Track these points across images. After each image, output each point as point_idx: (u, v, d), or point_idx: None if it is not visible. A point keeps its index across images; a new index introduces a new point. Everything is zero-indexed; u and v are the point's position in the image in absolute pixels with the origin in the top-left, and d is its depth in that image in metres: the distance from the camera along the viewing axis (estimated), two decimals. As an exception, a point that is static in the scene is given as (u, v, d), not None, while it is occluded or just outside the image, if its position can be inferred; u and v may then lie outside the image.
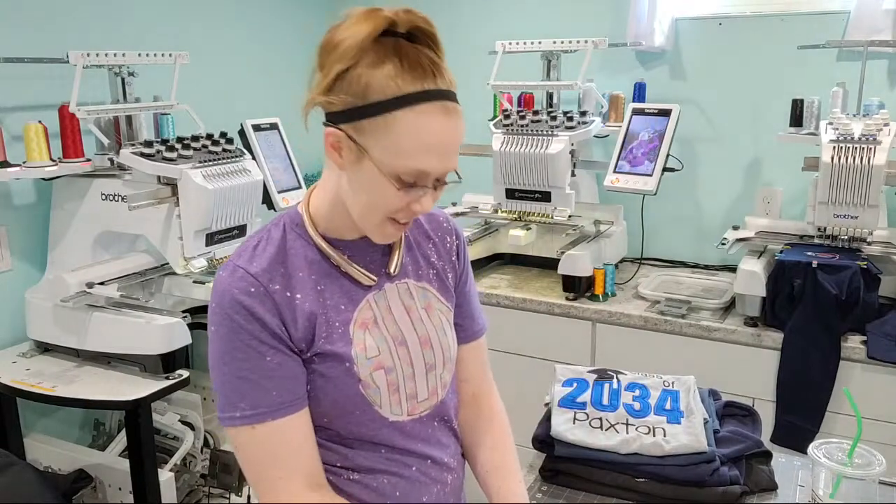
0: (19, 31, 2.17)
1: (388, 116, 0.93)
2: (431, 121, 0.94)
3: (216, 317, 1.00)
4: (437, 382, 1.12)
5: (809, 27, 2.45)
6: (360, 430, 1.06)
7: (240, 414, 0.99)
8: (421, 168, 0.95)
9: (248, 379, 0.99)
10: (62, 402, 1.94)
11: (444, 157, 0.97)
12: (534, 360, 2.41)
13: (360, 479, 1.07)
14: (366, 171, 0.97)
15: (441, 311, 1.15)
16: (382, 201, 0.98)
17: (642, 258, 2.72)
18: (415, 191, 0.98)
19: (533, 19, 2.90)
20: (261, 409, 0.99)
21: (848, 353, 1.99)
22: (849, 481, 1.16)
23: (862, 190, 2.02)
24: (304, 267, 1.04)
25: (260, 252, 1.03)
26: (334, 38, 0.97)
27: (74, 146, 2.09)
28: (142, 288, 2.18)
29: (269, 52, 3.03)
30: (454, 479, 1.16)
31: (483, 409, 1.24)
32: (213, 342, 1.01)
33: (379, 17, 0.94)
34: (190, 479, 2.32)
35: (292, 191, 2.39)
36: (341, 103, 0.95)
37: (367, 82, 0.93)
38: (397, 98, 0.93)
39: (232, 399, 0.99)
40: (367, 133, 0.95)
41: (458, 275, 1.20)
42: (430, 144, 0.95)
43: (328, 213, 1.06)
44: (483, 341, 1.27)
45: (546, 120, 2.40)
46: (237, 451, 1.02)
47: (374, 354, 1.05)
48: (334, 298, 1.05)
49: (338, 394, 1.03)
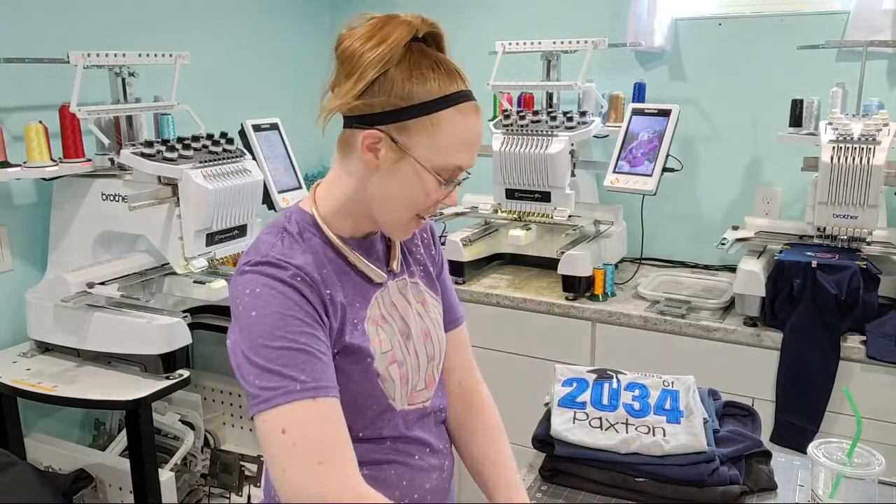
0: (19, 31, 2.17)
1: (434, 116, 0.99)
2: (469, 119, 1.02)
3: (263, 296, 0.96)
4: (434, 373, 1.18)
5: (809, 27, 2.45)
6: (371, 423, 1.09)
7: (300, 387, 0.93)
8: (459, 163, 1.03)
9: (307, 351, 0.95)
10: (63, 402, 1.94)
11: (475, 153, 1.05)
12: (534, 360, 2.41)
13: (369, 472, 1.08)
14: (405, 170, 1.01)
15: (434, 305, 1.20)
16: (420, 197, 1.03)
17: (642, 258, 2.72)
18: (449, 185, 1.04)
19: (533, 19, 2.90)
20: (324, 382, 0.95)
21: (847, 352, 1.99)
22: (848, 481, 1.17)
23: (861, 190, 2.02)
24: (325, 264, 1.05)
25: (288, 248, 1.03)
26: (355, 45, 1.00)
27: (75, 146, 2.09)
28: (142, 288, 2.19)
29: (269, 52, 3.03)
30: (448, 465, 1.21)
31: (473, 401, 1.27)
32: (252, 327, 0.96)
33: (404, 24, 1.00)
34: (190, 478, 2.33)
35: (292, 191, 2.39)
36: (380, 106, 0.99)
37: (410, 85, 0.98)
38: (441, 98, 0.99)
39: (287, 373, 0.93)
40: (412, 133, 1.00)
41: (440, 266, 1.25)
42: (467, 141, 1.02)
43: (339, 212, 1.08)
44: (464, 329, 1.29)
45: (546, 120, 2.40)
46: (286, 434, 0.92)
47: (388, 349, 1.09)
48: (351, 296, 1.07)
49: (358, 390, 1.05)
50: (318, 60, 3.15)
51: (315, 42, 3.20)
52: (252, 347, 0.95)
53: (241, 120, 2.36)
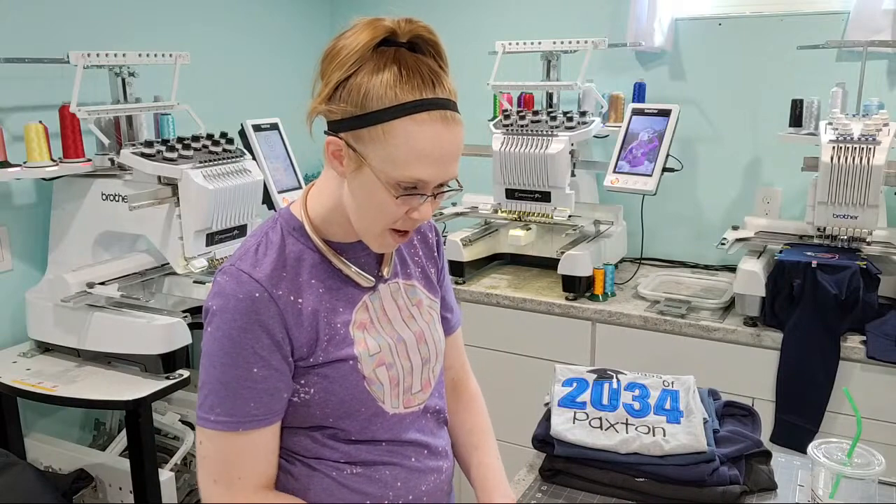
0: (19, 31, 2.17)
1: (386, 126, 0.94)
2: (429, 130, 0.94)
3: (216, 319, 1.00)
4: (430, 375, 1.16)
5: (809, 27, 2.45)
6: (362, 426, 1.08)
7: (214, 418, 1.01)
8: (418, 177, 0.96)
9: (230, 386, 1.00)
10: (63, 402, 1.94)
11: (442, 166, 0.97)
12: (534, 360, 2.41)
13: (363, 472, 1.08)
14: (365, 180, 0.97)
15: (431, 308, 1.19)
16: (382, 210, 0.99)
17: (642, 258, 2.72)
18: (413, 199, 0.98)
19: (533, 19, 2.90)
20: (235, 417, 1.00)
21: (847, 352, 1.99)
22: (848, 481, 1.17)
23: (861, 190, 2.02)
24: (304, 270, 1.05)
25: (261, 256, 1.03)
26: (335, 46, 0.98)
27: (75, 146, 2.09)
28: (142, 288, 2.19)
29: (269, 52, 3.03)
30: (448, 467, 1.20)
31: (462, 394, 1.32)
32: (207, 342, 1.02)
33: (379, 27, 0.95)
34: (190, 478, 2.33)
35: (292, 191, 2.40)
36: (341, 112, 0.96)
37: (366, 91, 0.94)
38: (394, 107, 0.93)
39: (209, 400, 1.01)
40: (365, 142, 0.95)
41: (439, 269, 1.24)
42: (427, 153, 0.95)
43: (327, 217, 1.07)
44: (460, 333, 1.34)
45: (546, 120, 2.40)
46: (201, 446, 1.03)
47: (375, 352, 1.07)
48: (334, 301, 1.06)
49: (345, 393, 1.05)
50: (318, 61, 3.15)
51: (315, 42, 3.20)
52: (202, 359, 1.03)
53: (241, 120, 2.36)
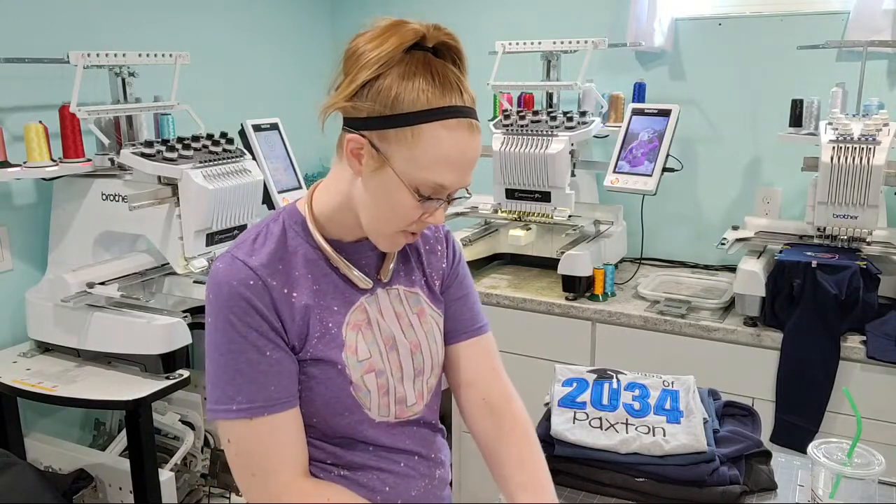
0: (19, 31, 2.17)
1: (416, 129, 0.95)
2: (457, 136, 0.96)
3: (213, 307, 1.00)
4: (424, 387, 1.14)
5: (809, 27, 2.45)
6: (349, 430, 1.07)
7: (236, 407, 0.99)
8: (441, 182, 0.98)
9: (245, 372, 0.99)
10: (63, 402, 1.94)
11: (463, 172, 0.99)
12: (534, 359, 2.41)
13: (350, 475, 1.08)
14: (385, 180, 0.98)
15: (433, 318, 1.17)
16: (398, 211, 1.00)
17: (642, 258, 2.72)
18: (430, 203, 1.00)
19: (533, 19, 2.90)
20: (258, 402, 1.00)
21: (847, 352, 1.99)
22: (848, 481, 1.17)
23: (861, 190, 2.02)
24: (301, 265, 1.05)
25: (259, 246, 1.04)
26: (360, 45, 0.98)
27: (75, 146, 2.09)
28: (142, 288, 2.19)
29: (269, 52, 3.03)
30: (442, 473, 1.18)
31: (504, 418, 1.17)
32: (210, 333, 1.01)
33: (408, 30, 0.96)
34: (190, 478, 2.33)
35: (292, 191, 2.40)
36: (367, 111, 0.97)
37: (397, 93, 0.95)
38: (427, 111, 0.95)
39: (228, 391, 1.00)
40: (391, 142, 0.96)
41: (450, 279, 1.21)
42: (452, 159, 0.97)
43: (332, 215, 1.07)
44: (487, 340, 1.23)
45: (546, 120, 2.40)
46: (230, 444, 1.02)
47: (365, 357, 1.06)
48: (328, 299, 1.06)
49: (329, 395, 1.04)
50: (318, 60, 3.15)
51: (315, 42, 3.20)
52: (209, 352, 1.02)
53: (241, 120, 2.36)
